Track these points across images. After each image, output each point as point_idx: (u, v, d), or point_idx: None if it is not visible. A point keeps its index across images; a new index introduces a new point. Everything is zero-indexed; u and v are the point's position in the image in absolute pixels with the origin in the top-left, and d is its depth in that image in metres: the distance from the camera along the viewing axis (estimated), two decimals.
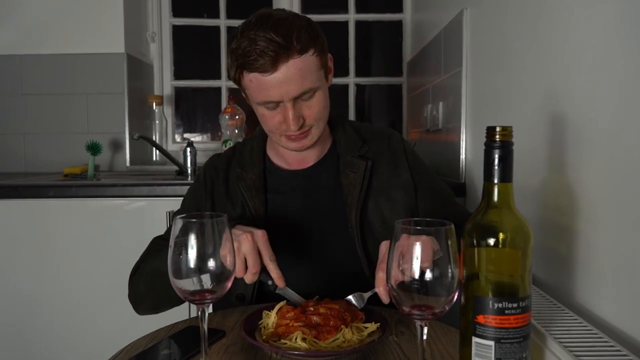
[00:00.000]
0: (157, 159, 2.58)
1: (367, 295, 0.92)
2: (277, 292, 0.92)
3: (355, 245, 1.05)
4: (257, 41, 0.95)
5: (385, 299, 0.81)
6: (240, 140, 2.24)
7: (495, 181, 0.65)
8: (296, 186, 1.13)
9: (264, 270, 0.90)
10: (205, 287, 0.68)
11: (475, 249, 0.65)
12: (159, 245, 1.13)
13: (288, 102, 0.99)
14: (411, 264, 0.62)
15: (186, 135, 2.75)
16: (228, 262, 0.69)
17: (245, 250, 0.87)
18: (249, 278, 0.89)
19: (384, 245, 0.87)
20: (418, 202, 1.12)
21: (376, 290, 0.83)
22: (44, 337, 1.74)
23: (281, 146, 1.09)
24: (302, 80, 0.98)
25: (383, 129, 1.23)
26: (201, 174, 1.20)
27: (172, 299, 1.04)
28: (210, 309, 0.79)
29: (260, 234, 0.90)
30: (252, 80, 0.99)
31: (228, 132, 2.28)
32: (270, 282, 0.91)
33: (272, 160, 1.18)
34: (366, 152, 1.14)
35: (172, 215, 1.64)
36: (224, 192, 1.14)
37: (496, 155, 0.64)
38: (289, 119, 1.00)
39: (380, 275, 0.82)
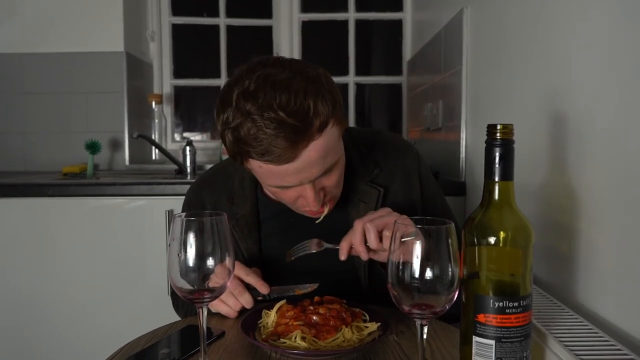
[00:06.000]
0: (157, 158, 2.57)
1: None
2: (273, 297, 0.92)
3: (361, 275, 1.00)
4: (264, 127, 0.77)
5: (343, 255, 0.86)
6: None
7: (496, 179, 0.65)
8: (294, 220, 1.00)
9: (251, 289, 0.91)
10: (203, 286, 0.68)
11: (476, 248, 0.65)
12: None
13: (308, 184, 0.86)
14: (411, 263, 0.62)
15: (186, 134, 2.74)
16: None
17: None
18: (243, 301, 0.89)
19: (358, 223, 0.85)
20: None
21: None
22: (42, 336, 1.74)
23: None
24: (324, 161, 0.83)
25: (398, 143, 1.10)
26: (185, 211, 1.08)
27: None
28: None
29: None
30: (262, 167, 0.83)
31: None
32: (260, 297, 0.92)
33: (267, 192, 1.03)
34: (377, 176, 1.03)
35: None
36: None
37: (497, 153, 0.64)
38: (310, 199, 0.87)
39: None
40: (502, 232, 0.64)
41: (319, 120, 0.80)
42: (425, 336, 0.64)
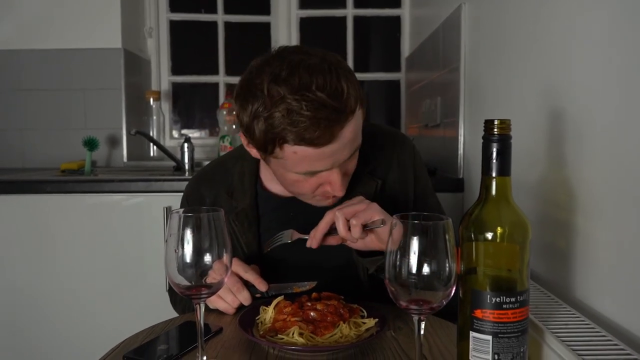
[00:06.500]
0: (155, 154, 2.57)
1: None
2: (271, 294, 0.92)
3: (360, 271, 0.99)
4: (304, 109, 0.77)
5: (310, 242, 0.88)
6: (238, 136, 2.24)
7: (494, 175, 0.64)
8: (294, 214, 1.01)
9: (249, 286, 0.91)
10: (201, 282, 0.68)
11: (473, 243, 0.65)
12: None
13: (336, 168, 0.86)
14: (408, 259, 0.62)
15: (184, 131, 2.74)
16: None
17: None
18: (242, 298, 0.89)
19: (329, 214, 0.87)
20: None
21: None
22: (41, 332, 1.74)
23: (306, 202, 0.96)
24: (352, 143, 0.85)
25: (395, 136, 1.10)
26: (184, 206, 1.07)
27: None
28: None
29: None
30: (297, 152, 0.81)
31: (226, 128, 2.27)
32: (258, 294, 0.92)
33: (266, 186, 1.04)
34: (374, 168, 1.04)
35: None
36: None
37: (494, 149, 0.64)
38: (337, 184, 0.87)
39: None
40: (499, 228, 0.64)
41: (352, 102, 0.81)
42: (422, 332, 0.64)
